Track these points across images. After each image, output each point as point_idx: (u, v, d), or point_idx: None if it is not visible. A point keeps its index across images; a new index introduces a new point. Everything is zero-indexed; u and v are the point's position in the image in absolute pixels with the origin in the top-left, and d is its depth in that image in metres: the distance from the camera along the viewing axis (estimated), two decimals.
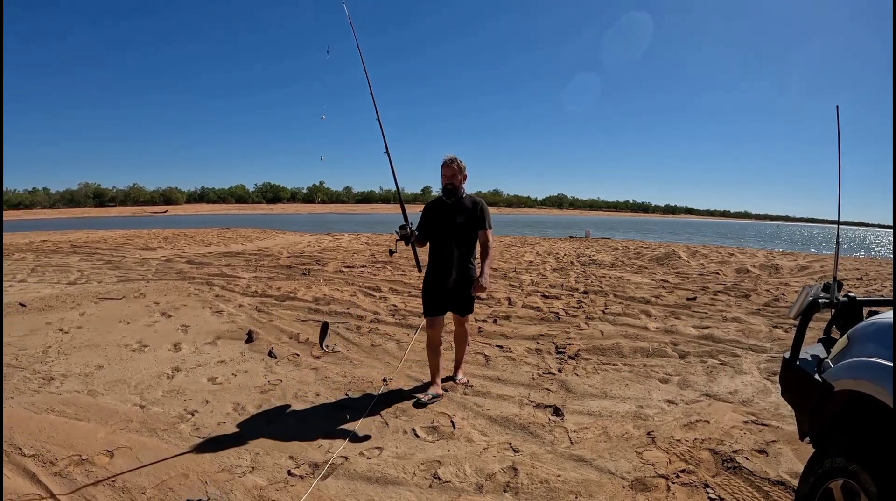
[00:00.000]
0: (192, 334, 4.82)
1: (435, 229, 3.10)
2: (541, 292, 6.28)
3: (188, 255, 11.50)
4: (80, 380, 3.77)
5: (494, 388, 3.30)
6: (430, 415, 2.90)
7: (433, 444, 2.60)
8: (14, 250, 12.61)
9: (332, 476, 2.35)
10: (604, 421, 2.80)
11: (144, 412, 3.19)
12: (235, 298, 6.33)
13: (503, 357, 3.88)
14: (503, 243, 14.28)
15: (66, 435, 2.90)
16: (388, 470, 2.36)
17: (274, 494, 2.23)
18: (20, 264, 10.06)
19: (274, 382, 3.57)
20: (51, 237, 17.18)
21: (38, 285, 7.63)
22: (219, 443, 2.73)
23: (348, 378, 3.58)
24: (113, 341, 4.76)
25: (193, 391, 3.45)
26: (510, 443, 2.57)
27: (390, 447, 2.59)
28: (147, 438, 2.86)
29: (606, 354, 3.93)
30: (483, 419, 2.87)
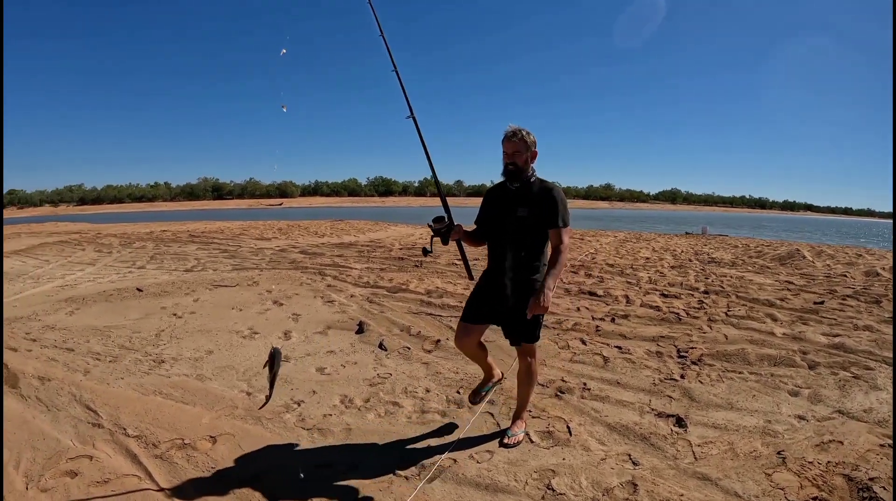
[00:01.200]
0: (302, 323, 6.70)
1: (491, 223, 3.49)
2: (659, 291, 8.23)
3: (301, 245, 15.40)
4: (189, 364, 5.24)
5: (613, 392, 4.32)
6: (546, 419, 3.85)
7: (547, 451, 3.43)
8: (135, 238, 18.20)
9: (439, 479, 3.14)
10: (730, 436, 3.62)
11: (251, 400, 4.38)
12: (347, 288, 8.67)
13: (622, 359, 5.07)
14: (617, 238, 18.36)
15: (171, 418, 4.11)
16: (498, 477, 3.13)
17: (377, 494, 3.00)
18: (140, 251, 14.62)
19: (383, 375, 4.82)
20: (170, 227, 24.35)
21: (155, 272, 11.01)
22: (323, 436, 3.75)
23: (460, 375, 4.75)
24: (224, 327, 6.53)
25: (301, 380, 4.77)
26: (629, 455, 3.37)
27: (502, 450, 3.43)
28: (251, 426, 3.92)
29: (731, 360, 5.04)
30: (601, 426, 3.77)
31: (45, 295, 8.83)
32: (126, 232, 21.43)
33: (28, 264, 12.73)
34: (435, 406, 4.15)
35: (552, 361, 5.12)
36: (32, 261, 13.32)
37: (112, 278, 10.47)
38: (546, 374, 4.76)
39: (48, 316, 7.25)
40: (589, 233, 20.48)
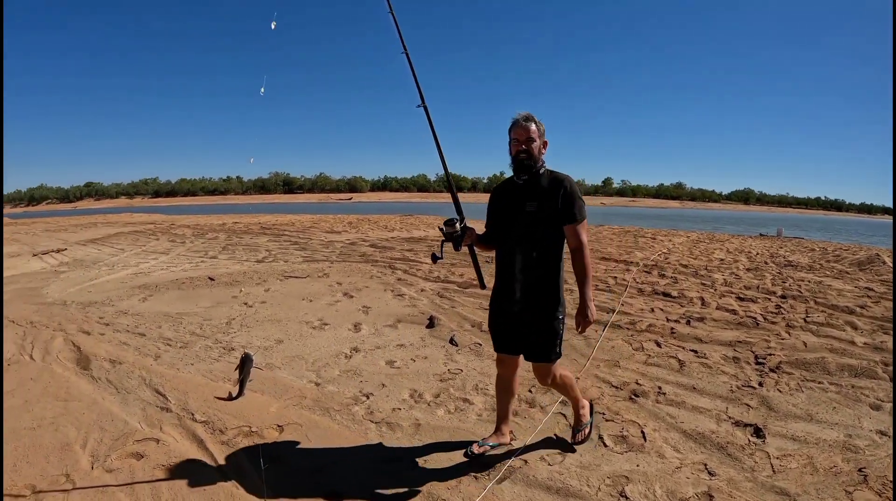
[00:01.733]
0: (372, 315, 6.87)
1: (499, 223, 3.36)
2: (735, 294, 8.22)
3: (371, 239, 15.88)
4: (259, 353, 5.37)
5: (689, 398, 4.33)
6: (620, 423, 3.88)
7: (621, 456, 3.46)
8: (207, 229, 19.20)
9: (509, 480, 3.18)
10: (809, 449, 3.57)
11: (319, 390, 4.49)
12: (417, 282, 8.91)
13: (698, 364, 5.11)
14: (690, 238, 18.07)
15: (239, 406, 4.22)
16: (570, 481, 3.16)
17: (444, 493, 3.05)
18: (212, 242, 15.43)
19: (454, 371, 4.94)
20: (242, 219, 25.39)
21: (227, 262, 11.56)
22: (392, 430, 3.84)
23: (532, 374, 4.40)
24: (294, 317, 6.73)
25: (370, 373, 4.89)
26: (705, 464, 3.36)
27: (574, 454, 3.47)
28: (319, 416, 4.02)
29: (811, 369, 4.99)
30: (676, 432, 3.78)
31: (120, 282, 9.37)
32: (199, 223, 22.63)
33: (104, 252, 13.56)
34: None
35: (626, 362, 5.12)
36: (108, 249, 14.17)
37: (185, 267, 11.03)
38: (620, 376, 4.77)
39: (122, 302, 7.68)
40: (661, 232, 19.93)
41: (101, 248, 14.54)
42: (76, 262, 12.57)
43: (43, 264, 12.52)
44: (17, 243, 17.64)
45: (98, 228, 21.97)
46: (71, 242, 16.98)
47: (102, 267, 11.26)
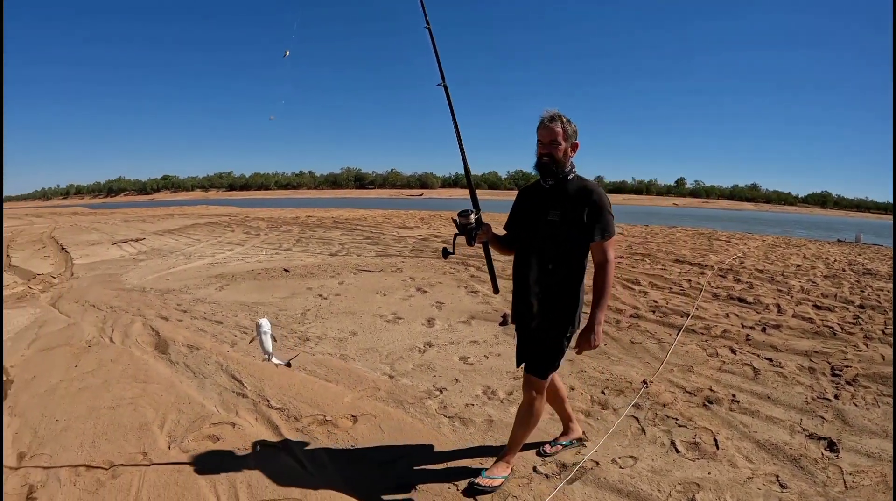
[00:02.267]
0: (446, 311, 6.97)
1: (520, 227, 3.25)
2: (812, 302, 8.09)
3: (443, 235, 16.08)
4: (333, 344, 5.51)
5: (763, 407, 4.30)
6: (692, 429, 3.90)
7: (693, 463, 3.48)
8: (281, 222, 19.78)
9: (580, 481, 3.25)
10: (883, 467, 3.51)
11: (393, 383, 4.58)
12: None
13: (773, 372, 5.06)
14: (765, 242, 17.45)
15: (314, 394, 4.33)
16: (640, 485, 3.21)
17: (515, 490, 3.13)
18: (286, 235, 15.92)
19: None
20: (315, 213, 26.05)
21: (301, 254, 11.91)
22: (464, 425, 3.92)
23: (605, 375, 4.87)
24: (368, 310, 6.86)
25: (444, 368, 4.98)
26: (777, 476, 3.35)
27: (646, 458, 3.51)
28: (392, 408, 4.10)
29: (888, 383, 4.87)
30: (749, 441, 3.76)
31: (197, 271, 9.78)
32: (273, 216, 23.36)
33: (180, 243, 14.18)
34: (579, 405, 4.22)
35: (700, 368, 5.10)
36: (185, 239, 14.82)
37: (259, 259, 11.39)
38: (694, 382, 4.74)
39: (199, 290, 7.99)
40: (736, 235, 19.18)
41: (177, 238, 15.25)
42: (154, 251, 13.31)
43: (122, 253, 13.26)
44: (97, 232, 18.70)
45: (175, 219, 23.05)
46: (149, 232, 17.86)
47: (179, 256, 11.83)
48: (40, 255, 13.98)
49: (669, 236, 17.06)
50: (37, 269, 11.56)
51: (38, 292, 9.17)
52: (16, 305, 8.21)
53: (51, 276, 10.59)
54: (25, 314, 7.52)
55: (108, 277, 9.84)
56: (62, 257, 13.36)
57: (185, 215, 26.17)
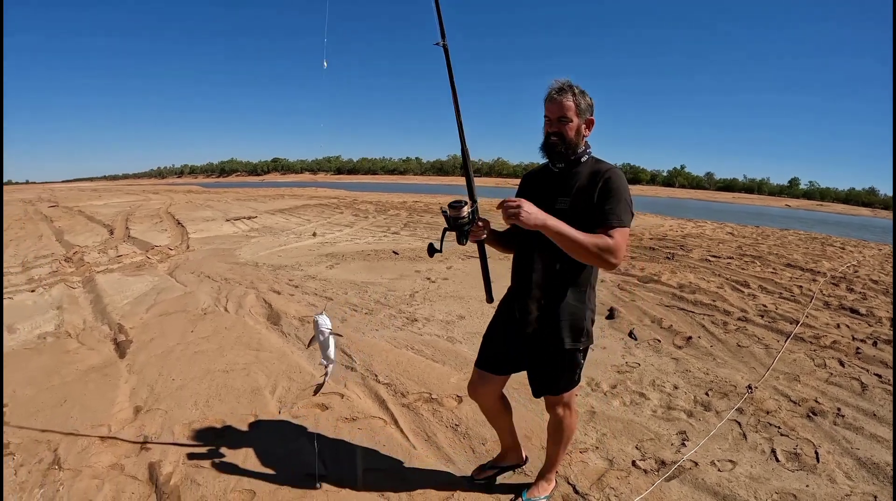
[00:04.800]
0: None
1: None
2: None
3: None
4: (440, 326, 5.67)
5: (868, 425, 4.20)
6: (794, 439, 3.87)
7: (791, 473, 3.47)
8: (389, 207, 20.46)
9: (677, 480, 3.31)
10: None
11: None
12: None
13: (881, 389, 4.91)
14: (881, 251, 16.17)
15: (421, 373, 4.50)
16: (738, 490, 3.24)
17: (614, 481, 3.24)
18: (394, 219, 16.52)
19: (632, 364, 5.11)
20: (422, 199, 26.70)
21: (409, 238, 12.33)
22: None
23: (710, 376, 4.94)
24: (476, 296, 7.01)
25: None
26: (875, 497, 3.29)
27: (745, 463, 3.52)
28: None
29: None
30: (850, 458, 3.70)
31: (307, 249, 10.29)
32: (380, 200, 24.12)
33: (291, 222, 14.90)
34: (682, 404, 4.27)
35: (806, 378, 4.99)
36: (295, 219, 15.56)
37: (368, 240, 11.82)
38: (799, 391, 4.66)
39: (310, 267, 8.42)
40: (850, 242, 17.83)
41: (288, 218, 16.03)
42: (265, 229, 14.09)
43: (235, 229, 14.07)
44: (211, 209, 19.88)
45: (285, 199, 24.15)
46: (260, 210, 18.83)
47: (290, 235, 12.46)
48: (158, 228, 15.04)
49: (781, 239, 16.32)
50: (154, 241, 12.47)
51: (157, 262, 9.91)
52: (135, 273, 8.93)
53: (168, 248, 11.40)
54: (144, 281, 8.17)
55: (223, 251, 10.51)
56: (178, 231, 14.34)
57: (294, 196, 27.43)
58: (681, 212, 38.09)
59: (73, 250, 11.90)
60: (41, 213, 23.40)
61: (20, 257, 11.59)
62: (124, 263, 10.16)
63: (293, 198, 25.56)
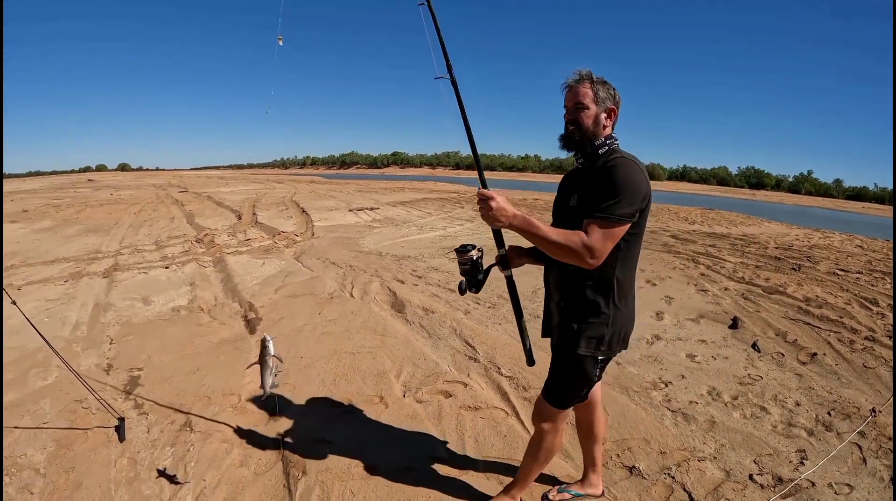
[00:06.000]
0: (675, 306, 7.05)
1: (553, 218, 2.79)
2: None
3: (672, 229, 15.93)
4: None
5: None
6: None
7: None
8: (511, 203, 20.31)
9: (793, 498, 3.28)
10: None
11: (620, 370, 4.73)
12: (721, 280, 8.97)
13: None
14: None
15: (543, 369, 4.47)
16: None
17: (729, 493, 3.25)
18: None
19: (754, 376, 5.03)
20: (542, 197, 26.64)
21: None
22: (686, 421, 4.03)
23: (833, 396, 4.78)
24: None
25: (671, 362, 5.07)
26: None
27: (862, 489, 3.41)
28: (618, 394, 4.28)
29: None
30: None
31: (430, 241, 10.60)
32: None
33: (412, 215, 15.28)
34: (802, 422, 4.17)
35: None
36: (416, 212, 15.94)
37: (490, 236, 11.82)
38: None
39: (433, 259, 8.69)
40: None
41: (409, 210, 16.45)
42: (387, 220, 14.58)
43: (357, 219, 14.62)
44: (334, 199, 20.70)
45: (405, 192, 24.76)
46: (382, 202, 19.43)
47: (412, 227, 12.82)
48: (283, 215, 15.82)
49: None
50: (280, 227, 13.15)
51: (283, 247, 10.47)
52: (263, 256, 9.50)
53: (294, 234, 12.00)
54: (272, 264, 8.67)
55: (346, 239, 10.99)
56: (303, 219, 15.03)
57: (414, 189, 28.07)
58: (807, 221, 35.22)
59: (204, 232, 12.75)
60: (172, 197, 25.12)
61: (153, 236, 12.54)
62: (253, 246, 10.79)
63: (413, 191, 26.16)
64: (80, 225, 15.26)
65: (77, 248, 11.36)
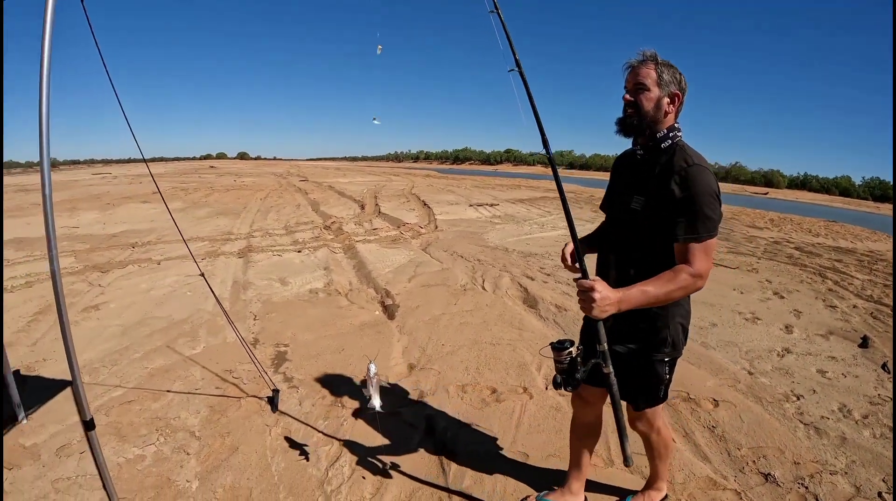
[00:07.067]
0: (804, 320, 6.84)
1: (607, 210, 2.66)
2: None
3: (795, 241, 15.24)
4: (694, 330, 5.68)
5: None
6: None
7: None
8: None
9: None
10: None
11: (752, 379, 4.70)
12: (849, 297, 8.61)
13: None
14: None
15: (679, 373, 4.50)
16: None
17: None
18: None
19: (884, 397, 4.87)
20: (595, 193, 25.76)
21: None
22: (818, 436, 3.98)
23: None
24: (727, 305, 6.94)
25: (802, 376, 4.99)
26: None
27: None
28: (752, 403, 4.25)
29: None
30: None
31: (554, 240, 10.74)
32: None
33: (532, 212, 15.47)
34: None
35: None
36: (536, 210, 16.10)
37: None
38: None
39: (557, 258, 8.63)
40: None
41: (528, 208, 16.57)
42: (507, 216, 14.76)
43: (478, 214, 14.88)
44: (453, 194, 21.10)
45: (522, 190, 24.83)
46: (500, 198, 19.62)
47: (533, 225, 12.95)
48: (405, 207, 16.29)
49: None
50: (404, 218, 13.56)
51: (409, 238, 10.80)
52: (391, 245, 9.93)
53: (418, 226, 12.36)
54: (402, 254, 9.05)
55: (470, 234, 11.26)
56: (425, 212, 15.43)
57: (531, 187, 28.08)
58: None
59: (331, 220, 13.31)
60: (294, 185, 26.24)
61: (282, 221, 13.24)
62: (380, 236, 11.22)
63: (530, 189, 26.20)
64: (210, 208, 16.30)
65: (210, 229, 12.20)
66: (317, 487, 3.12)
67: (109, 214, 15.13)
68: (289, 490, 3.10)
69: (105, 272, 8.07)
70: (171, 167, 55.10)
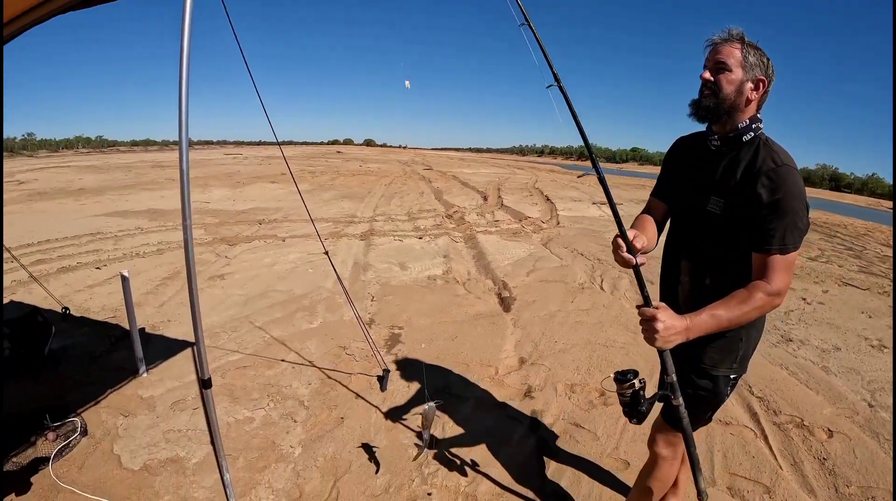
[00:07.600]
0: None
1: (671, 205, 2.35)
2: None
3: None
4: (816, 352, 5.46)
5: None
6: None
7: None
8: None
9: None
10: None
11: (872, 412, 4.38)
12: None
13: None
14: None
15: (794, 396, 4.43)
16: None
17: None
18: None
19: None
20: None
21: None
22: None
23: None
24: (853, 328, 6.49)
25: None
26: None
27: None
28: (868, 437, 3.97)
29: None
30: None
31: None
32: None
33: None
34: None
35: None
36: None
37: None
38: None
39: None
40: None
41: None
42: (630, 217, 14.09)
43: (600, 213, 14.78)
44: (577, 191, 21.00)
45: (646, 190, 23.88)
46: (624, 198, 19.29)
47: None
48: (528, 201, 16.35)
49: None
50: (526, 212, 13.62)
51: (531, 232, 10.84)
52: (511, 238, 10.04)
53: (540, 221, 12.38)
54: (522, 248, 9.12)
55: (592, 232, 11.18)
56: (547, 207, 15.41)
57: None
58: None
59: (453, 209, 13.54)
60: (418, 173, 26.79)
61: (405, 208, 13.59)
62: (501, 228, 11.33)
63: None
64: (335, 191, 16.96)
65: (335, 211, 12.71)
66: (415, 468, 3.27)
67: (239, 191, 16.18)
68: (387, 468, 3.26)
69: (232, 245, 8.68)
70: (298, 151, 57.51)
